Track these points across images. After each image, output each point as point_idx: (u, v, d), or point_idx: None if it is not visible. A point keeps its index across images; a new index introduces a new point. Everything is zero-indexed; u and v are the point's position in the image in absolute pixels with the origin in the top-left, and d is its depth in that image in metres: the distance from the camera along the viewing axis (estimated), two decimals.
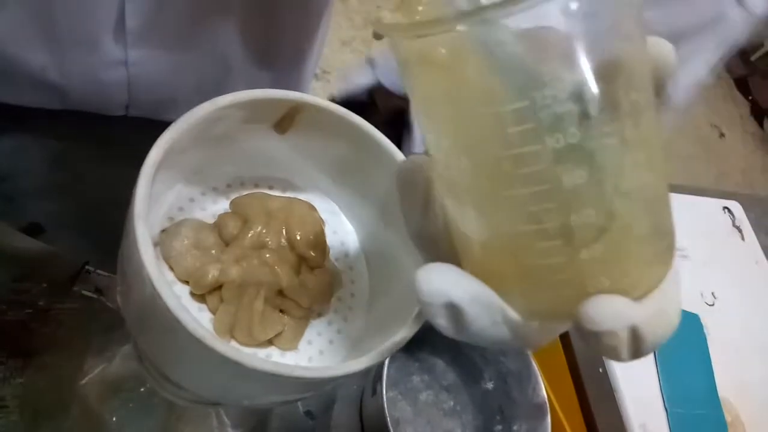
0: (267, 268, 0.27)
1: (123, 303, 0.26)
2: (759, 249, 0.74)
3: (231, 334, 0.27)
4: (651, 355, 0.59)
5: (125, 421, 0.38)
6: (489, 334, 0.19)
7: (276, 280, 0.27)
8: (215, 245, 0.27)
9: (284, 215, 0.29)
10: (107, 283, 0.37)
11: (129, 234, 0.22)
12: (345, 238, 0.32)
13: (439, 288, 0.19)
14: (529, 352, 0.48)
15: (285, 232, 0.29)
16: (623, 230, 0.18)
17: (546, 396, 0.46)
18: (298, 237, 0.28)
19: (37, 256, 0.40)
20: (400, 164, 0.24)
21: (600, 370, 0.55)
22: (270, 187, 0.32)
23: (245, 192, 0.31)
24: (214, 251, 0.27)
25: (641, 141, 0.18)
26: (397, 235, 0.29)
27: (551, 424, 0.45)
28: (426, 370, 0.51)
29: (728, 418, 0.57)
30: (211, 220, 0.29)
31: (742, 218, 0.76)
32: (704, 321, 0.63)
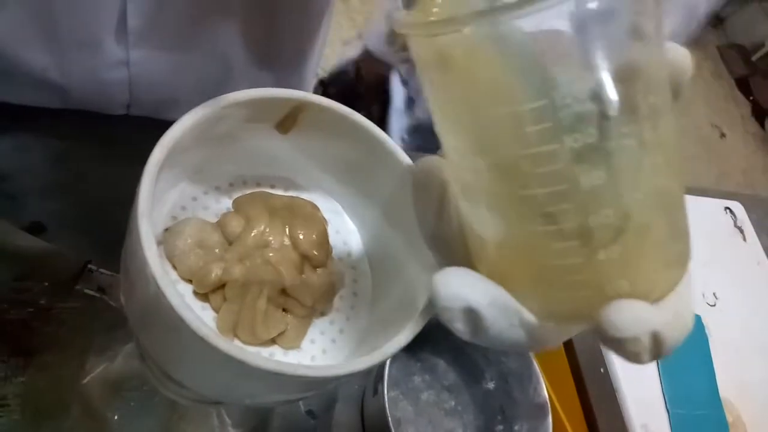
0: (270, 267, 0.27)
1: (126, 301, 0.26)
2: (761, 250, 0.74)
3: (234, 333, 0.27)
4: None
5: (126, 420, 0.38)
6: (506, 337, 0.19)
7: (279, 279, 0.27)
8: (218, 244, 0.27)
9: (287, 214, 0.29)
10: (109, 282, 0.37)
11: (132, 232, 0.22)
12: (348, 238, 0.32)
13: (457, 292, 0.19)
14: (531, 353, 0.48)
15: (288, 231, 0.29)
16: (641, 232, 0.18)
17: (547, 396, 0.46)
18: (301, 236, 0.28)
19: (39, 255, 0.40)
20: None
21: (601, 371, 0.55)
22: (272, 186, 0.32)
23: (248, 191, 0.31)
24: (217, 250, 0.27)
25: (659, 144, 0.18)
26: (400, 235, 0.29)
27: (552, 425, 0.45)
28: (427, 370, 0.51)
29: (730, 419, 0.57)
30: (214, 219, 0.29)
31: (744, 219, 0.76)
32: (706, 321, 0.63)
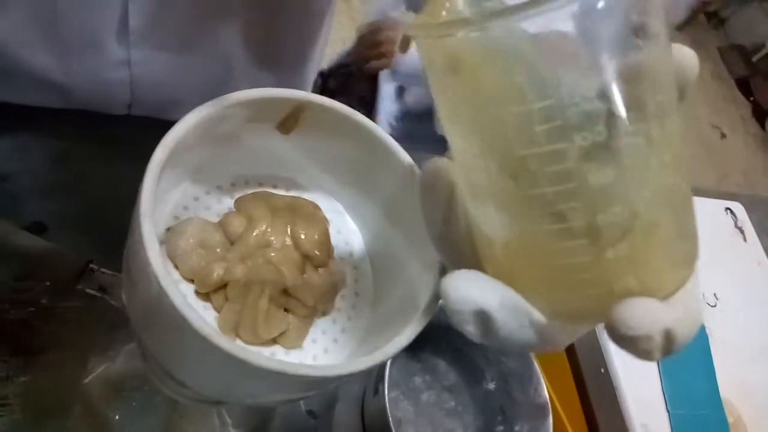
0: (272, 267, 0.27)
1: (128, 301, 0.26)
2: (761, 250, 0.74)
3: (236, 333, 0.27)
4: None
5: (128, 420, 0.38)
6: (517, 338, 0.19)
7: (281, 279, 0.27)
8: (220, 244, 0.27)
9: (289, 214, 0.29)
10: (111, 282, 0.37)
11: (135, 232, 0.22)
12: (349, 238, 0.32)
13: (467, 295, 0.19)
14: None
15: (289, 231, 0.29)
16: (649, 230, 0.18)
17: (548, 396, 0.46)
18: (303, 236, 0.28)
19: (41, 255, 0.40)
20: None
21: (602, 371, 0.55)
22: (274, 186, 0.32)
23: (249, 191, 0.31)
24: (219, 250, 0.27)
25: (667, 142, 0.18)
26: (402, 235, 0.30)
27: (553, 425, 0.45)
28: (428, 371, 0.51)
29: (730, 419, 0.57)
30: (216, 219, 0.29)
31: (745, 219, 0.76)
32: (706, 322, 0.63)
